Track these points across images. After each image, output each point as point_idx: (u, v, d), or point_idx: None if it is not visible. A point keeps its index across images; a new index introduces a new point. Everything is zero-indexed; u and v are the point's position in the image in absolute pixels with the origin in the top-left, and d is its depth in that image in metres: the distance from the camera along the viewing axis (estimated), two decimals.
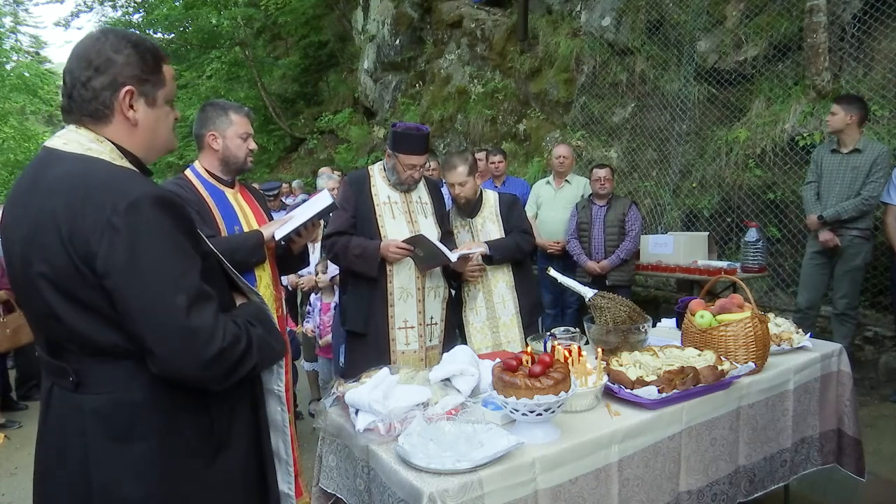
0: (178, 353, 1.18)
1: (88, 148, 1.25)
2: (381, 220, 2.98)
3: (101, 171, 1.22)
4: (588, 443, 1.76)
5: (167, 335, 1.17)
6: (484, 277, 3.24)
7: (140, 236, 1.16)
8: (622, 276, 4.78)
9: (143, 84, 1.29)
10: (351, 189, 3.07)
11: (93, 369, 1.25)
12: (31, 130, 22.88)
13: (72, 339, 1.24)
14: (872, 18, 5.11)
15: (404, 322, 2.98)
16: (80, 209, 1.16)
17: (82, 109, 1.27)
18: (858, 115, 4.07)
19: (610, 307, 2.52)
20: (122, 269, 1.15)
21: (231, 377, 1.25)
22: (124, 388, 1.24)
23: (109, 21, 17.58)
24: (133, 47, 1.28)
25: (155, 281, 1.17)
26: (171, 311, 1.17)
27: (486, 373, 2.04)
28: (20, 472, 4.09)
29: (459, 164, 3.22)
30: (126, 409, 1.24)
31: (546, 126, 8.11)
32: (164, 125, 1.36)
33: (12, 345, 4.89)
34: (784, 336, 2.55)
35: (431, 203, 3.15)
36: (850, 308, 4.18)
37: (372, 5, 12.10)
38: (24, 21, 32.04)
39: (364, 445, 1.78)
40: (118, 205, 1.15)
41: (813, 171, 4.33)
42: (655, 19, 6.90)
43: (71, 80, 1.27)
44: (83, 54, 1.26)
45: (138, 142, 1.32)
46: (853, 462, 2.58)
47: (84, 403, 1.25)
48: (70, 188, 1.18)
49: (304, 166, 13.78)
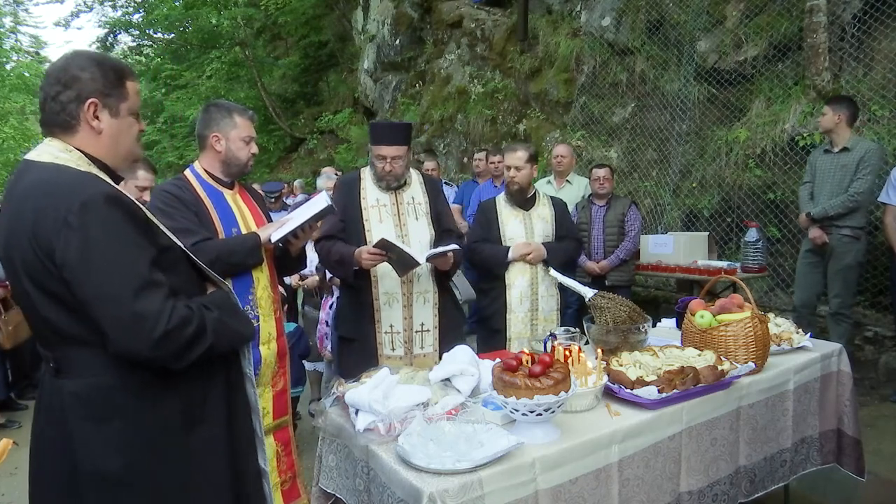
0: (127, 336, 1.32)
1: (57, 157, 1.41)
2: (367, 224, 2.91)
3: (63, 175, 1.38)
4: (588, 443, 1.76)
5: (116, 320, 1.31)
6: (533, 273, 3.35)
7: (91, 231, 1.31)
8: (622, 276, 4.78)
9: (107, 97, 1.45)
10: (340, 191, 3.03)
11: (69, 356, 1.41)
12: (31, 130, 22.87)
13: (48, 327, 1.40)
14: (872, 18, 5.11)
15: (390, 327, 2.93)
16: (42, 209, 1.33)
17: (52, 121, 1.44)
18: (847, 114, 4.17)
19: (610, 307, 2.52)
20: (76, 262, 1.31)
21: (185, 356, 1.39)
22: (98, 372, 1.39)
23: (109, 21, 17.57)
24: (97, 66, 1.44)
25: (104, 271, 1.31)
26: (119, 299, 1.31)
27: (486, 373, 2.04)
28: (20, 472, 4.09)
29: (520, 148, 3.41)
30: (101, 392, 1.39)
31: (546, 126, 8.11)
32: (126, 135, 1.51)
33: (13, 342, 4.90)
34: (784, 336, 2.55)
35: (427, 203, 3.04)
36: (845, 307, 4.20)
37: (372, 5, 12.11)
38: (24, 21, 32.05)
39: (364, 445, 1.78)
40: (73, 204, 1.31)
41: (808, 171, 4.44)
42: (655, 19, 6.90)
43: (43, 95, 1.44)
44: (52, 73, 1.44)
45: (103, 148, 1.47)
46: (853, 462, 2.58)
47: (63, 387, 1.41)
48: (38, 192, 1.36)
49: (304, 166, 13.79)
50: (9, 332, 4.81)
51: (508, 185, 3.45)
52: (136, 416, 1.41)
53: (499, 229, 3.44)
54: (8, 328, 4.80)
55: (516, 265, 3.37)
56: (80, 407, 1.39)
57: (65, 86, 1.41)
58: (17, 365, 5.62)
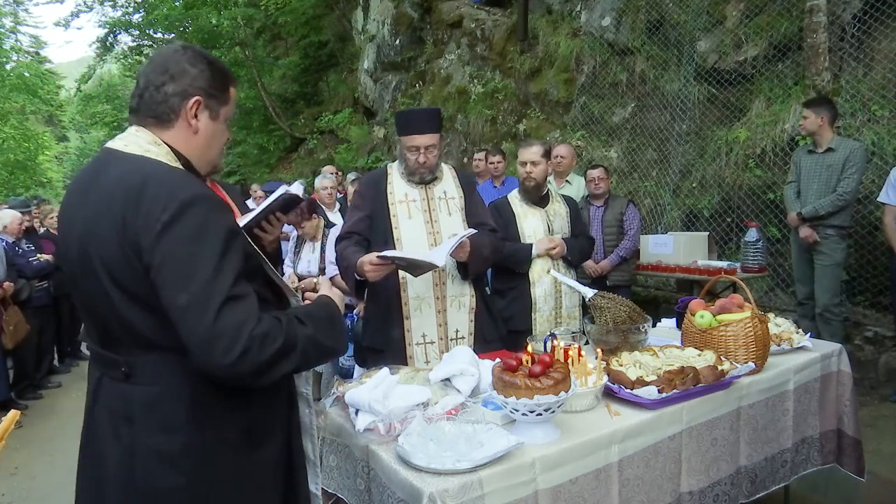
0: (203, 351, 1.21)
1: (147, 150, 1.34)
2: (394, 221, 2.70)
3: (157, 171, 1.30)
4: (588, 443, 1.76)
5: (194, 334, 1.21)
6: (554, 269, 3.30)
7: (185, 234, 1.23)
8: (622, 275, 4.78)
9: (210, 98, 1.40)
10: (366, 188, 2.83)
11: (142, 361, 1.32)
12: (30, 130, 22.88)
13: (124, 329, 1.31)
14: (872, 18, 5.11)
15: (423, 337, 2.64)
16: (134, 205, 1.24)
17: (149, 111, 1.37)
18: (828, 115, 4.27)
19: (610, 307, 2.52)
20: (163, 265, 1.22)
21: (266, 374, 1.27)
22: (170, 380, 1.31)
23: (109, 21, 17.55)
24: (208, 64, 1.40)
25: (190, 279, 1.22)
26: (199, 311, 1.21)
27: (486, 373, 2.04)
28: (20, 472, 4.09)
29: (536, 143, 3.37)
30: (170, 402, 1.31)
31: (546, 126, 8.11)
32: (218, 140, 1.47)
33: (15, 341, 4.91)
34: (784, 336, 2.55)
35: (460, 197, 2.80)
36: (833, 306, 4.24)
37: (372, 5, 12.10)
38: (24, 21, 32.08)
39: (364, 445, 1.78)
40: (171, 203, 1.23)
41: (793, 171, 4.53)
42: (655, 19, 6.90)
43: (145, 82, 1.37)
44: (161, 62, 1.38)
45: (195, 149, 1.42)
46: (853, 462, 2.58)
47: (133, 394, 1.32)
48: (129, 185, 1.27)
49: (304, 166, 13.78)
50: (10, 332, 4.82)
51: (524, 181, 3.35)
52: (199, 432, 1.32)
53: (516, 227, 3.34)
54: (9, 328, 4.81)
55: (538, 263, 3.28)
56: (147, 416, 1.31)
57: (172, 77, 1.36)
58: (19, 365, 5.63)
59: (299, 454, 1.55)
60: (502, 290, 3.39)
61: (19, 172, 22.02)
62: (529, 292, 3.29)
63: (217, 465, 1.34)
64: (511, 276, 3.33)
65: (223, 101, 1.43)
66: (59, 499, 3.72)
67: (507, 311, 3.30)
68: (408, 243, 2.66)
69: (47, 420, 5.17)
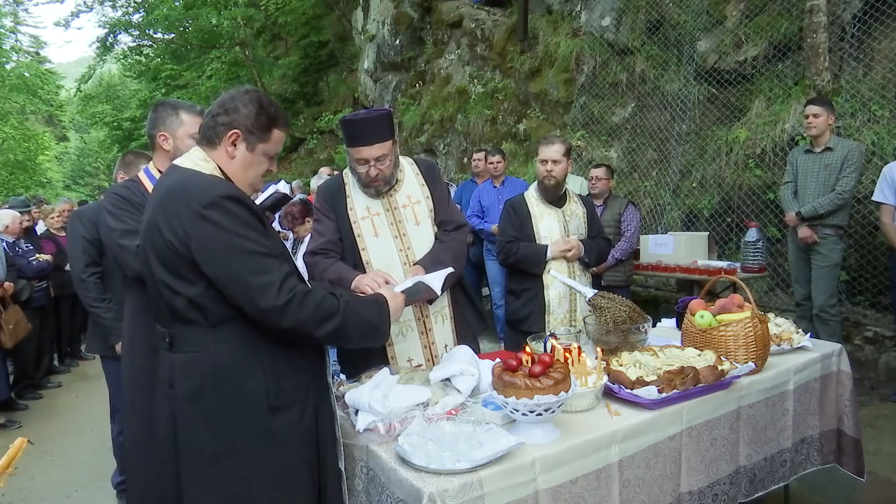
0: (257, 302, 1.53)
1: (197, 164, 1.67)
2: (360, 241, 2.45)
3: (198, 177, 1.62)
4: (588, 443, 1.76)
5: (246, 290, 1.53)
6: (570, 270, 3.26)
7: (219, 221, 1.53)
8: (618, 276, 4.77)
9: (249, 134, 1.68)
10: (323, 202, 2.54)
11: (181, 332, 1.63)
12: (31, 130, 22.88)
13: (168, 307, 1.62)
14: (872, 18, 5.11)
15: (408, 362, 2.47)
16: (180, 202, 1.56)
17: (205, 134, 1.70)
18: (833, 115, 4.31)
19: (610, 307, 2.52)
20: (206, 247, 1.53)
21: (320, 325, 1.60)
22: (201, 348, 1.60)
23: (109, 21, 17.55)
24: (258, 107, 1.68)
25: (231, 254, 1.53)
26: (245, 275, 1.52)
27: (486, 373, 2.04)
28: (20, 472, 4.09)
29: (557, 141, 3.27)
30: (198, 366, 1.60)
31: (546, 126, 8.11)
32: (255, 169, 1.74)
33: (14, 340, 4.90)
34: (784, 336, 2.55)
35: (427, 198, 2.54)
36: (829, 306, 4.24)
37: (372, 5, 12.10)
38: (24, 21, 32.09)
39: (364, 445, 1.78)
40: (205, 198, 1.54)
41: (789, 171, 4.51)
42: (655, 19, 6.90)
43: (210, 111, 1.71)
44: (226, 97, 1.71)
45: (231, 169, 1.71)
46: (853, 462, 2.58)
47: (174, 360, 1.64)
48: (176, 189, 1.59)
49: (303, 166, 13.79)
50: (9, 331, 4.81)
51: (544, 179, 3.25)
52: (221, 392, 1.58)
53: (532, 227, 3.27)
54: (9, 327, 4.80)
55: (552, 264, 3.21)
56: (181, 378, 1.60)
57: (225, 111, 1.67)
58: (19, 365, 5.62)
59: (331, 434, 1.75)
60: (517, 291, 3.34)
61: (19, 172, 22.04)
62: (543, 294, 3.23)
63: (239, 425, 1.58)
64: (525, 276, 3.27)
65: (263, 139, 1.70)
66: (59, 499, 3.72)
67: (521, 312, 3.27)
68: (378, 265, 2.44)
69: (47, 420, 5.16)
